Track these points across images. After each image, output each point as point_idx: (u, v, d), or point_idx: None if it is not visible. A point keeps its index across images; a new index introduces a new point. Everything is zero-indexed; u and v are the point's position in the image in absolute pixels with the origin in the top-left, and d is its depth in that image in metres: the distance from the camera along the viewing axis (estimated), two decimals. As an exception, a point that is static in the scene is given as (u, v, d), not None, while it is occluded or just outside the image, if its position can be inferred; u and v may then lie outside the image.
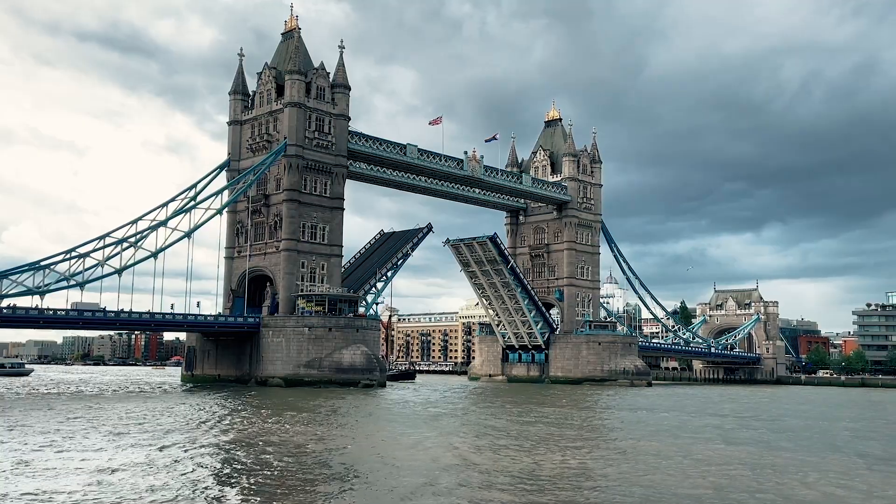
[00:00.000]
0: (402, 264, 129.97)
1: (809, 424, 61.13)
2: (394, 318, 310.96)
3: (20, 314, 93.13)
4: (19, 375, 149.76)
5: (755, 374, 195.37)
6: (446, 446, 40.33)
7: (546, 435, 47.11)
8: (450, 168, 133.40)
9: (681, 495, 27.73)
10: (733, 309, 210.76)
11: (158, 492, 26.50)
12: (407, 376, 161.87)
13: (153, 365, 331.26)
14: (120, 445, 38.18)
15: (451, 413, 65.58)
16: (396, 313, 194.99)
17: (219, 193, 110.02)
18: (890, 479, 32.52)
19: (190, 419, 53.61)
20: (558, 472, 32.53)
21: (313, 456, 35.80)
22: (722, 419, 64.78)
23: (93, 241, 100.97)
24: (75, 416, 54.57)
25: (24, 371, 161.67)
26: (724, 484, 30.13)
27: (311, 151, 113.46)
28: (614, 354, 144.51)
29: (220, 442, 40.98)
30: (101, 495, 25.71)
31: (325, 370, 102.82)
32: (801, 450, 42.02)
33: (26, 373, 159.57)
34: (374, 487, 28.43)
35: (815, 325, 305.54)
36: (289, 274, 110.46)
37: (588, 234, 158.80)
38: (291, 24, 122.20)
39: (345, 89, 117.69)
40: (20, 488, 26.50)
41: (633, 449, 40.99)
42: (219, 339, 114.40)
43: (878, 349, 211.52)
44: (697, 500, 26.96)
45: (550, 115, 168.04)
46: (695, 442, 45.00)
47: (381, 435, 45.87)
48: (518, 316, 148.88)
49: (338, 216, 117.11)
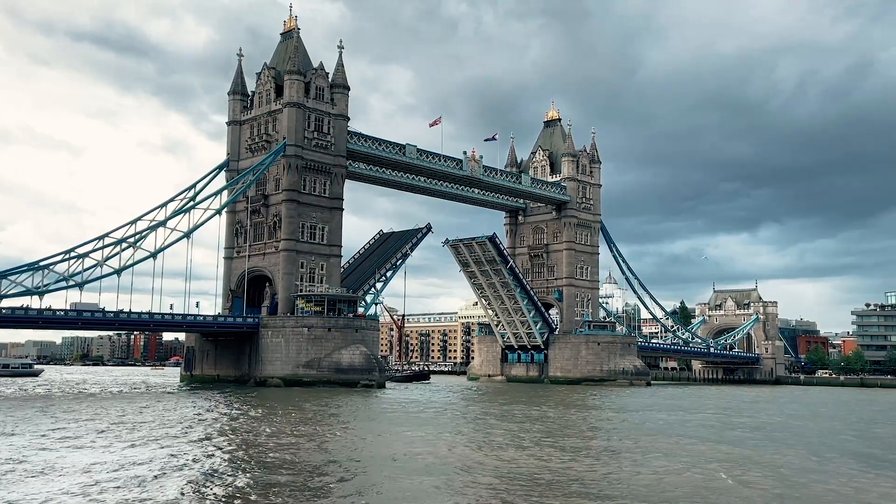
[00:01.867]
0: (401, 264, 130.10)
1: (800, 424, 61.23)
2: (396, 319, 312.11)
3: (19, 314, 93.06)
4: (29, 376, 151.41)
5: (754, 374, 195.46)
6: (442, 446, 40.34)
7: (543, 435, 47.14)
8: (449, 168, 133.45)
9: (679, 496, 27.77)
10: (732, 309, 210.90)
11: (153, 491, 26.52)
12: (421, 377, 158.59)
13: (152, 365, 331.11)
14: (115, 445, 38.19)
15: (449, 413, 65.57)
16: (397, 314, 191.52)
17: (218, 194, 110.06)
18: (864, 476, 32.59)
19: (187, 419, 53.61)
20: (556, 471, 32.55)
21: (310, 456, 35.80)
22: (715, 418, 64.84)
23: (92, 242, 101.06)
24: (89, 416, 54.61)
25: (34, 371, 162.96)
26: (717, 483, 30.19)
27: (311, 152, 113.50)
28: (613, 354, 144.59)
29: (216, 442, 40.96)
30: (91, 496, 25.74)
31: (324, 370, 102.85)
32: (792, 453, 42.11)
33: (36, 373, 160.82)
34: (370, 487, 28.44)
35: (815, 326, 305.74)
36: (288, 274, 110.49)
37: (587, 234, 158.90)
38: (290, 24, 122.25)
39: (344, 89, 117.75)
40: (58, 486, 26.54)
41: (630, 449, 41.01)
42: (218, 340, 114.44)
43: (878, 349, 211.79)
44: (694, 501, 27.01)
45: (550, 115, 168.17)
46: (692, 442, 45.04)
47: (378, 435, 45.86)
48: (517, 316, 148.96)
49: (337, 216, 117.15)
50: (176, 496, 25.96)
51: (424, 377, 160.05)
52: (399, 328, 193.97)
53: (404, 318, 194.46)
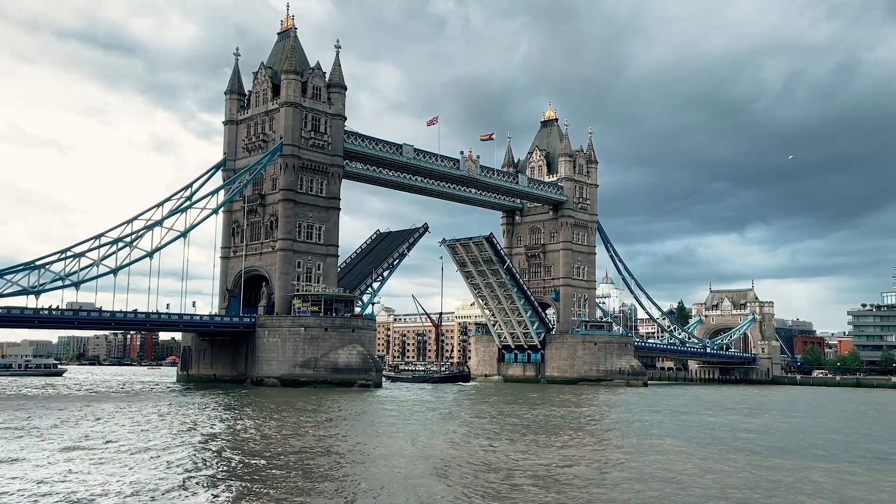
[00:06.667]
0: (398, 264, 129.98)
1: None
2: (389, 318, 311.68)
3: (15, 314, 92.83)
4: (54, 375, 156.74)
5: (750, 374, 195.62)
6: (437, 446, 40.34)
7: (539, 435, 47.15)
8: (446, 168, 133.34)
9: (677, 496, 27.80)
10: (729, 309, 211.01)
11: (146, 490, 26.48)
12: (460, 378, 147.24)
13: (148, 365, 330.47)
14: (107, 444, 38.17)
15: (446, 412, 65.56)
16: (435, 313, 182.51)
17: (214, 193, 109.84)
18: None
19: (186, 418, 53.55)
20: (552, 472, 32.56)
21: (306, 455, 35.78)
22: (715, 419, 64.94)
23: (88, 241, 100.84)
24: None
25: (58, 371, 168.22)
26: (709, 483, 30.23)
27: (308, 151, 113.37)
28: (610, 354, 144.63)
29: (211, 442, 40.92)
30: (77, 492, 25.71)
31: (320, 370, 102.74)
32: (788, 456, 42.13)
33: (60, 373, 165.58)
34: (365, 486, 28.43)
35: (811, 326, 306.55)
36: (285, 274, 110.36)
37: (584, 234, 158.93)
38: (287, 23, 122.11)
39: (341, 89, 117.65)
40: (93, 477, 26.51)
41: (626, 449, 41.05)
42: (214, 339, 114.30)
43: (873, 349, 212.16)
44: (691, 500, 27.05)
45: (547, 115, 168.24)
46: (690, 443, 45.10)
47: (374, 434, 45.84)
48: (514, 316, 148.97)
49: (334, 216, 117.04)
50: (165, 496, 25.93)
51: (464, 378, 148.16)
52: (436, 326, 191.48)
53: (441, 316, 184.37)
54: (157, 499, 25.51)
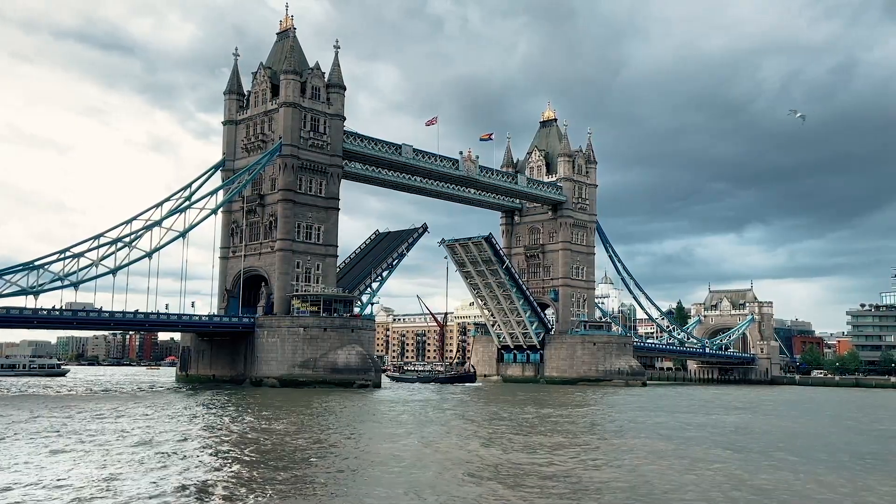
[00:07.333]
0: (397, 264, 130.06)
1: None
2: (389, 319, 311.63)
3: (14, 314, 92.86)
4: (58, 375, 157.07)
5: (749, 374, 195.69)
6: (435, 446, 40.38)
7: (537, 434, 47.21)
8: (445, 168, 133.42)
9: (673, 497, 27.85)
10: (728, 309, 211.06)
11: (147, 490, 26.52)
12: (467, 379, 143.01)
13: (148, 365, 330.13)
14: (106, 445, 38.20)
15: (445, 412, 65.60)
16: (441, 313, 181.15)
17: (213, 193, 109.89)
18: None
19: (184, 418, 53.58)
20: (550, 472, 32.61)
21: (304, 455, 35.82)
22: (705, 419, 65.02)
23: (87, 241, 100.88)
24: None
25: (62, 371, 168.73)
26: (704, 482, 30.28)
27: (307, 151, 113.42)
28: (609, 355, 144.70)
29: (211, 442, 40.95)
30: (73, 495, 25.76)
31: (319, 370, 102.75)
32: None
33: (63, 373, 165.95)
34: (362, 487, 28.47)
35: (810, 326, 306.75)
36: (284, 274, 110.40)
37: (583, 234, 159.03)
38: (287, 23, 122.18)
39: (340, 89, 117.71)
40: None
41: (621, 449, 41.11)
42: (213, 340, 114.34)
43: (872, 349, 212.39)
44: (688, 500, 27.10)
45: (546, 115, 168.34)
46: (688, 443, 45.17)
47: (373, 434, 45.89)
48: (513, 316, 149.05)
49: (333, 216, 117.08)
50: (161, 496, 25.98)
51: (470, 378, 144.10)
52: (441, 327, 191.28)
53: (446, 316, 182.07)
54: (157, 499, 25.54)
